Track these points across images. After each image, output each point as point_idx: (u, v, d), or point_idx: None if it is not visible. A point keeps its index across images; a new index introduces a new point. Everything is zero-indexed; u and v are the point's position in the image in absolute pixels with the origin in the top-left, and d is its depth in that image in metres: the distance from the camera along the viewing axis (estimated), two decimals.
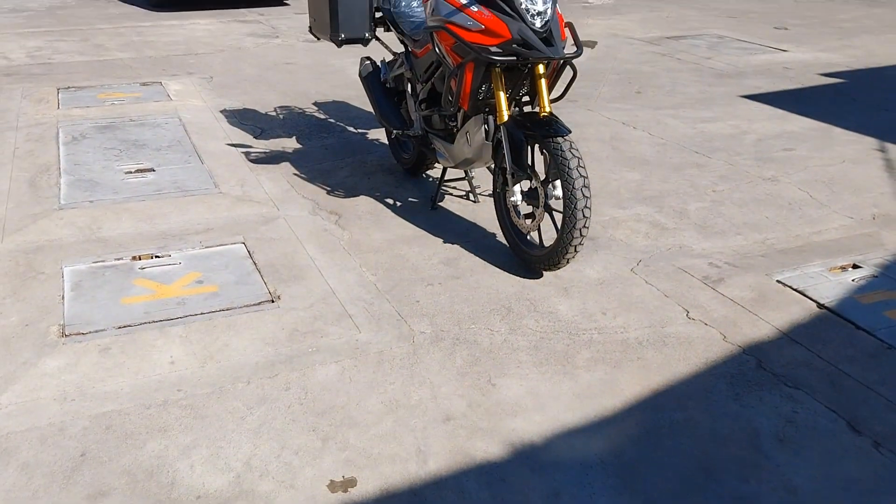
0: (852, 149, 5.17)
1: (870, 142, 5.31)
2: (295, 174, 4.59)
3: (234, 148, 4.97)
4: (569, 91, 3.61)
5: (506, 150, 3.34)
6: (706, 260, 3.65)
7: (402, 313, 3.15)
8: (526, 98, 3.62)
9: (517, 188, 3.36)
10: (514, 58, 3.21)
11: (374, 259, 3.61)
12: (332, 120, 5.64)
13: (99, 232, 3.76)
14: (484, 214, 4.09)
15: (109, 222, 3.86)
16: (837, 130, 5.54)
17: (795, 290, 3.37)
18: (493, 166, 3.78)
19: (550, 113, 3.37)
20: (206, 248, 3.61)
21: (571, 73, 3.53)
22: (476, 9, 3.24)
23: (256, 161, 4.77)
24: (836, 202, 4.32)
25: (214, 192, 4.26)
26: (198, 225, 3.86)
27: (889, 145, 5.24)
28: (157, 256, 3.51)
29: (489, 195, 4.30)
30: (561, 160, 3.14)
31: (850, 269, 3.56)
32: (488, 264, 3.58)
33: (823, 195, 4.41)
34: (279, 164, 4.74)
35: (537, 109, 3.46)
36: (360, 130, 5.42)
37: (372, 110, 5.70)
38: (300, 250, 3.65)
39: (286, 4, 10.67)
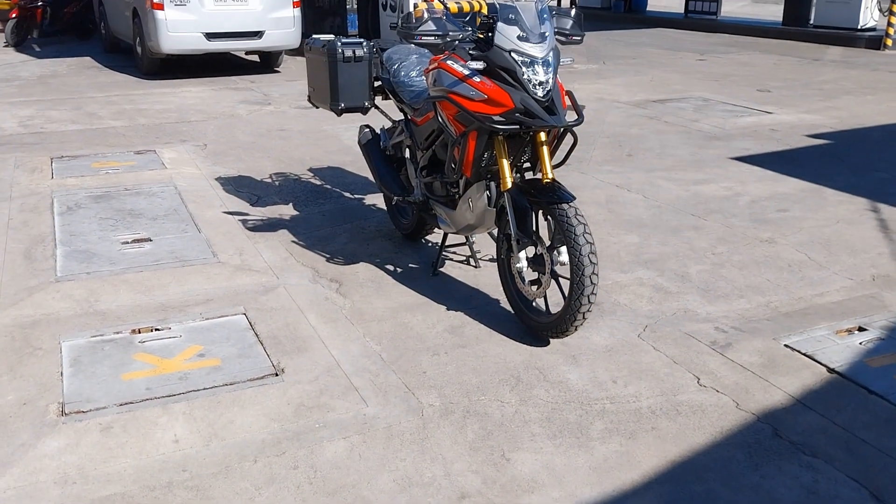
0: (845, 209, 5.22)
1: (861, 202, 5.36)
2: (293, 241, 4.56)
3: (230, 216, 4.95)
4: (569, 157, 3.63)
5: (510, 217, 3.34)
6: (712, 324, 3.63)
7: (410, 385, 3.09)
8: (527, 164, 3.63)
9: (522, 254, 3.34)
10: (518, 126, 3.23)
11: (377, 328, 3.56)
12: (327, 186, 5.65)
13: (97, 304, 3.69)
14: (486, 280, 4.06)
15: (107, 294, 3.80)
16: (829, 191, 5.60)
17: (804, 354, 3.34)
18: (495, 232, 3.78)
19: (553, 179, 3.38)
20: (207, 319, 3.55)
21: (572, 140, 3.55)
22: (478, 79, 3.27)
23: (254, 229, 4.74)
24: (834, 263, 4.34)
25: (213, 261, 4.21)
26: (197, 296, 3.80)
27: (881, 205, 5.29)
28: (156, 329, 3.44)
29: (490, 260, 4.29)
30: (567, 227, 3.14)
31: (857, 331, 3.55)
32: (494, 332, 3.54)
33: (821, 256, 4.43)
34: (277, 232, 4.71)
35: (539, 176, 3.47)
36: (356, 196, 5.42)
37: (369, 176, 5.73)
38: (302, 320, 3.60)
39: (277, 72, 10.81)
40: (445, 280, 4.08)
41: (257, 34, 9.84)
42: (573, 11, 3.60)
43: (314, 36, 4.50)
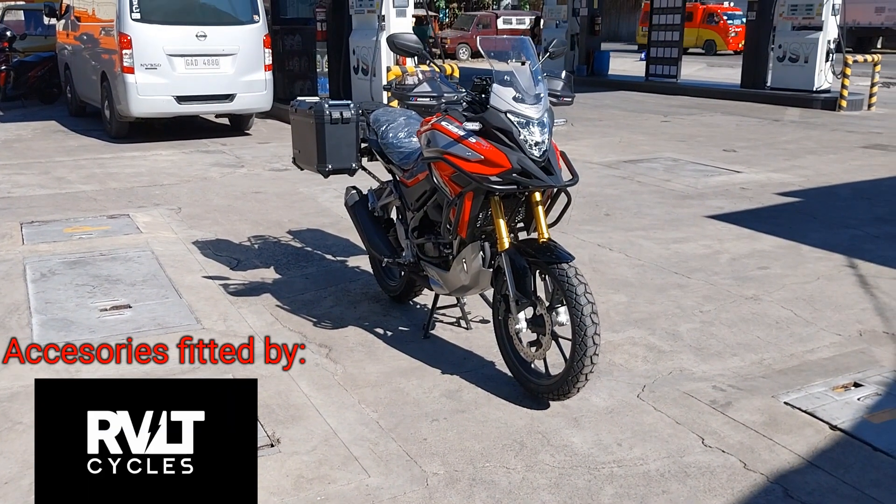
0: (823, 266, 5.29)
1: (839, 258, 5.44)
2: (278, 306, 4.46)
3: (211, 280, 4.84)
4: (563, 217, 3.63)
5: (508, 278, 3.30)
6: (709, 383, 3.60)
7: (411, 453, 2.99)
8: (520, 224, 3.62)
9: (521, 315, 3.29)
10: (515, 186, 3.23)
11: (372, 394, 3.46)
12: (308, 248, 5.57)
13: (78, 375, 3.54)
14: (479, 342, 4.00)
15: (89, 364, 3.64)
16: (805, 248, 5.68)
17: (805, 411, 3.32)
18: (486, 293, 3.74)
19: (549, 239, 3.37)
20: None
21: (566, 200, 3.55)
22: (474, 140, 3.27)
23: (236, 294, 4.63)
24: (820, 320, 4.36)
25: (197, 327, 4.09)
26: (183, 364, 3.67)
27: (857, 261, 5.37)
28: None
29: (481, 321, 4.24)
30: (568, 287, 3.11)
31: (853, 387, 3.55)
32: (492, 395, 3.46)
33: (807, 313, 4.46)
34: (260, 296, 4.61)
35: (534, 236, 3.46)
36: (339, 258, 5.35)
37: (350, 238, 5.68)
38: (294, 387, 3.49)
39: (248, 134, 10.78)
40: (438, 343, 4.01)
41: (229, 97, 9.84)
42: (563, 73, 3.65)
43: (299, 98, 4.49)
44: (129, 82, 9.36)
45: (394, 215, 4.37)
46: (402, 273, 4.31)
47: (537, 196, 3.39)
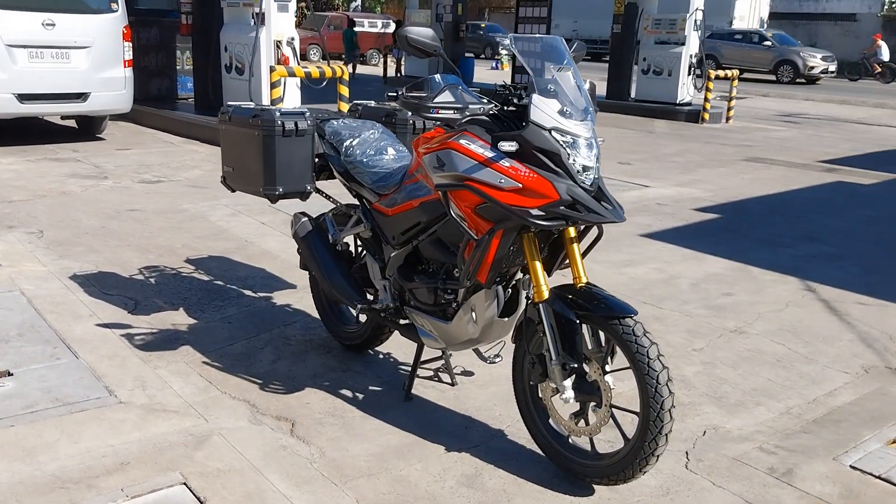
0: (784, 290, 5.02)
1: (793, 281, 5.20)
2: (206, 363, 3.55)
3: (108, 330, 3.82)
4: (588, 253, 3.01)
5: (549, 335, 2.64)
6: (753, 444, 3.11)
7: None
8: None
9: (569, 383, 2.64)
10: (564, 221, 2.57)
11: (370, 489, 2.69)
12: (218, 282, 4.63)
13: None
14: (472, 402, 3.31)
15: None
16: (755, 270, 5.41)
17: (879, 477, 2.90)
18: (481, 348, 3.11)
19: (589, 283, 2.75)
20: (133, 498, 2.49)
21: (597, 234, 2.93)
22: (508, 164, 2.58)
23: (146, 347, 3.66)
24: (818, 354, 4.03)
25: (111, 401, 3.12)
26: (104, 458, 2.72)
27: (813, 284, 5.15)
28: None
29: (463, 374, 3.55)
30: (637, 348, 2.50)
31: None
32: (520, 479, 2.78)
33: (800, 347, 4.12)
34: (179, 350, 3.67)
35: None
36: (260, 294, 4.46)
37: (266, 267, 4.81)
38: (265, 486, 2.64)
39: (101, 139, 9.40)
40: (424, 406, 3.28)
41: (81, 97, 8.47)
42: (587, 83, 3.03)
43: (232, 102, 3.61)
44: None
45: (349, 240, 3.59)
46: (358, 317, 3.56)
47: (571, 231, 2.76)
